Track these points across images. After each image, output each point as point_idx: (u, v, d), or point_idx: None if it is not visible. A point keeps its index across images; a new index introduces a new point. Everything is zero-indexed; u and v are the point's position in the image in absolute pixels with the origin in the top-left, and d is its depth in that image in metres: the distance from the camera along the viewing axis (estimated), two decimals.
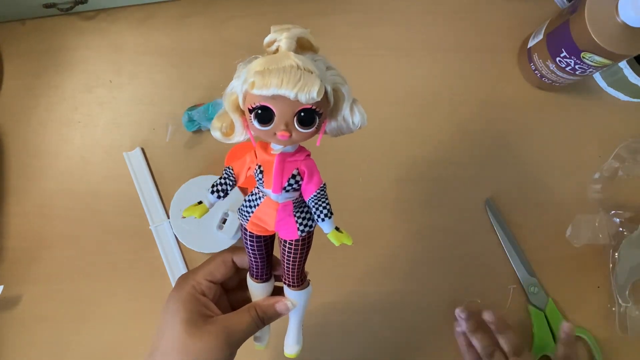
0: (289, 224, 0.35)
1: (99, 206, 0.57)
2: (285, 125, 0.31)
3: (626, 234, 0.55)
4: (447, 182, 0.58)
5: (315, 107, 0.31)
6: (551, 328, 0.54)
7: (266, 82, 0.29)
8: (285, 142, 0.32)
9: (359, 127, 0.35)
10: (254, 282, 0.39)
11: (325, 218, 0.35)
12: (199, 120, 0.55)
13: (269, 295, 0.40)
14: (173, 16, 0.59)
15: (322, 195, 0.35)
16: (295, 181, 0.34)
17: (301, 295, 0.39)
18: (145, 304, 0.55)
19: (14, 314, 0.55)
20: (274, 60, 0.30)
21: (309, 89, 0.29)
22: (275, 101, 0.30)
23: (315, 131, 0.32)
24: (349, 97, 0.33)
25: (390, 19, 0.60)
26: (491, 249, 0.56)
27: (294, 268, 0.38)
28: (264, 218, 0.35)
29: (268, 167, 0.34)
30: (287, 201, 0.35)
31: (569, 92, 0.59)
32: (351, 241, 0.35)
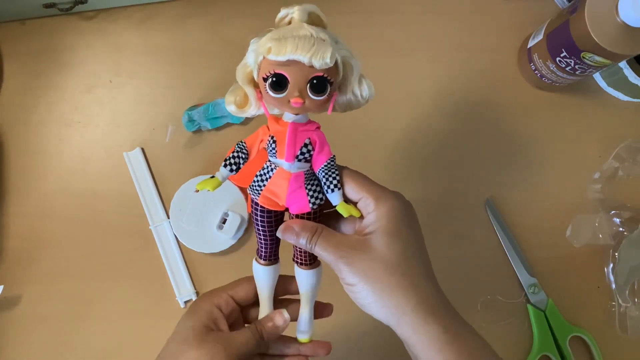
0: (300, 196, 0.36)
1: (99, 206, 0.57)
2: (299, 92, 0.32)
3: (626, 234, 0.55)
4: (447, 182, 0.58)
5: (326, 75, 0.32)
6: (551, 328, 0.54)
7: (282, 47, 0.31)
8: (299, 109, 0.33)
9: (367, 99, 0.36)
10: (259, 265, 0.39)
11: (335, 189, 0.35)
12: (199, 120, 0.55)
13: (274, 282, 0.39)
14: (173, 16, 0.59)
15: (332, 166, 0.36)
16: (307, 150, 0.35)
17: (312, 275, 0.38)
18: (145, 303, 0.55)
19: (14, 314, 0.55)
20: (289, 29, 0.32)
21: (322, 55, 0.31)
22: (289, 68, 0.32)
23: (326, 99, 0.34)
24: (358, 70, 0.35)
25: (389, 19, 0.60)
26: (491, 249, 0.56)
27: None
28: (276, 190, 0.36)
29: (281, 137, 0.35)
30: (299, 172, 0.35)
31: (569, 92, 0.59)
32: (359, 213, 0.35)
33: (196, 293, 0.55)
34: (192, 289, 0.55)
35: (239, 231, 0.54)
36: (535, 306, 0.55)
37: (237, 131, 0.57)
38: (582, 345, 0.55)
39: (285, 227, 0.36)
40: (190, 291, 0.55)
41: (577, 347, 0.55)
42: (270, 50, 0.31)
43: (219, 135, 0.57)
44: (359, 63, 0.35)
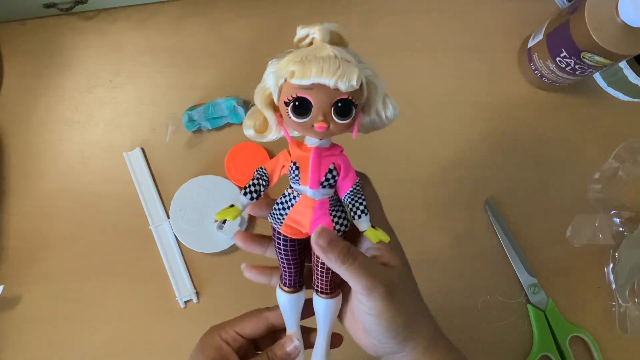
0: (324, 223, 0.34)
1: (99, 206, 0.57)
2: (324, 116, 0.31)
3: (626, 233, 0.55)
4: (447, 182, 0.58)
5: (352, 98, 0.31)
6: (551, 328, 0.54)
7: (306, 70, 0.29)
8: (323, 134, 0.32)
9: (391, 120, 0.35)
10: (283, 292, 0.37)
11: (362, 215, 0.34)
12: (199, 120, 0.55)
13: (300, 309, 0.37)
14: (173, 16, 0.59)
15: (358, 191, 0.34)
16: (332, 176, 0.33)
17: (331, 305, 0.36)
18: (145, 303, 0.55)
19: (14, 314, 0.55)
20: (311, 51, 0.31)
21: (348, 77, 0.30)
22: (312, 92, 0.30)
23: (351, 123, 0.32)
24: (382, 89, 0.34)
25: (390, 19, 0.60)
26: (491, 249, 0.56)
27: (327, 274, 0.35)
28: (299, 219, 0.34)
29: (304, 163, 0.33)
30: (323, 198, 0.34)
31: (568, 92, 0.59)
32: (388, 238, 0.34)
33: (196, 293, 0.55)
34: (192, 289, 0.55)
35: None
36: (535, 306, 0.55)
37: (237, 131, 0.57)
38: (582, 345, 0.55)
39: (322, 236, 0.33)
40: (190, 291, 0.55)
41: (577, 347, 0.55)
42: (293, 74, 0.30)
43: (219, 135, 0.57)
44: (383, 82, 0.34)
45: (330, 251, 0.32)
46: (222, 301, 0.56)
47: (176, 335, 0.55)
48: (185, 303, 0.55)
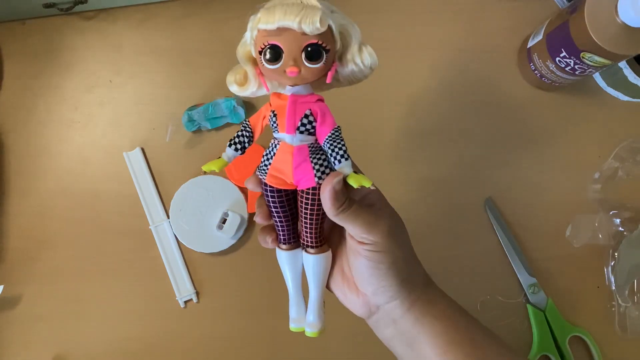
0: (306, 170, 0.34)
1: (99, 206, 0.57)
2: (294, 61, 0.32)
3: (626, 234, 0.55)
4: (447, 182, 0.58)
5: (321, 42, 0.32)
6: (551, 328, 0.54)
7: (271, 15, 0.31)
8: (295, 79, 0.33)
9: (370, 68, 0.36)
10: (282, 251, 0.37)
11: (342, 159, 0.34)
12: (198, 120, 0.55)
13: (300, 269, 0.38)
14: (173, 16, 0.59)
15: (337, 136, 0.35)
16: (309, 121, 0.34)
17: (321, 260, 0.37)
18: (145, 303, 0.55)
19: (14, 313, 0.55)
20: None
21: (311, 19, 0.31)
22: (281, 38, 0.32)
23: (324, 68, 0.33)
24: (357, 37, 0.35)
25: (390, 19, 0.60)
26: (491, 249, 0.56)
27: (312, 223, 0.36)
28: (282, 167, 0.35)
29: (281, 111, 0.34)
30: (302, 144, 0.34)
31: (568, 92, 0.59)
32: (370, 183, 0.33)
33: (196, 293, 0.55)
34: (192, 289, 0.55)
35: (239, 231, 0.54)
36: (534, 306, 0.55)
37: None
38: (582, 345, 0.55)
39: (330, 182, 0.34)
40: (190, 291, 0.55)
41: (577, 347, 0.55)
42: (259, 20, 0.32)
43: (219, 135, 0.57)
44: (359, 31, 0.35)
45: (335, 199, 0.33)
46: (222, 301, 0.56)
47: (176, 335, 0.55)
48: (185, 303, 0.55)
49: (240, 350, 0.55)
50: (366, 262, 0.35)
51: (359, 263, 0.36)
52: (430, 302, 0.37)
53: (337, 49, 0.34)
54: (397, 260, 0.35)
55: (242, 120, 0.37)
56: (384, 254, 0.35)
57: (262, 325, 0.55)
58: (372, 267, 0.35)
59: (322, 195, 0.34)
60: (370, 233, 0.34)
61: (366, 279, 0.36)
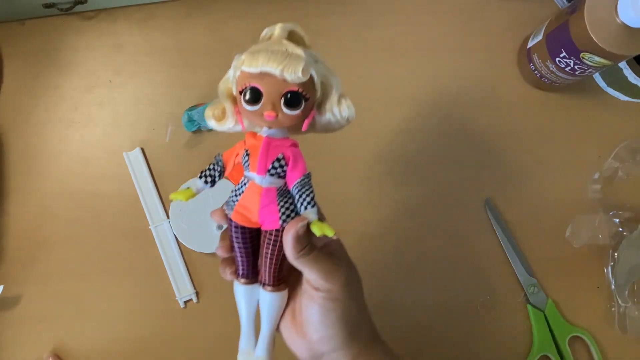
0: (271, 212, 0.35)
1: (99, 206, 0.57)
2: (272, 105, 0.33)
3: (626, 234, 0.55)
4: (447, 182, 0.58)
5: (301, 90, 0.32)
6: (551, 328, 0.54)
7: (255, 58, 0.32)
8: (272, 122, 0.33)
9: (347, 120, 0.36)
10: (240, 284, 0.38)
11: (308, 206, 0.34)
12: (198, 120, 0.55)
13: (255, 304, 0.38)
14: (173, 16, 0.59)
15: (306, 183, 0.35)
16: (280, 165, 0.34)
17: (276, 299, 0.37)
18: (145, 303, 0.55)
19: (14, 314, 0.55)
20: (267, 43, 0.33)
21: (294, 68, 0.31)
22: (263, 81, 0.32)
23: (301, 115, 0.34)
24: (338, 88, 0.35)
25: (390, 19, 0.60)
26: (491, 249, 0.56)
27: (272, 263, 0.37)
28: (248, 205, 0.35)
29: (255, 151, 0.35)
30: (271, 187, 0.35)
31: (568, 92, 0.59)
32: (332, 232, 0.34)
33: (196, 293, 0.55)
34: (192, 289, 0.55)
35: None
36: (534, 306, 0.55)
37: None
38: (582, 345, 0.55)
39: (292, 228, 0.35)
40: (190, 291, 0.55)
41: (577, 347, 0.55)
42: (243, 62, 0.32)
43: (219, 136, 0.57)
44: (340, 82, 0.35)
45: (297, 243, 0.34)
46: (222, 301, 0.56)
47: (176, 335, 0.55)
48: (185, 303, 0.55)
49: None
50: (318, 309, 0.36)
51: (311, 308, 0.36)
52: (371, 358, 0.37)
53: (317, 98, 0.35)
54: (349, 311, 0.36)
55: (217, 154, 0.38)
56: (337, 303, 0.35)
57: None
58: (323, 315, 0.35)
59: (285, 238, 0.34)
60: (327, 281, 0.35)
61: (315, 325, 0.36)
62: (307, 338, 0.37)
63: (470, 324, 0.56)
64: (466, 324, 0.55)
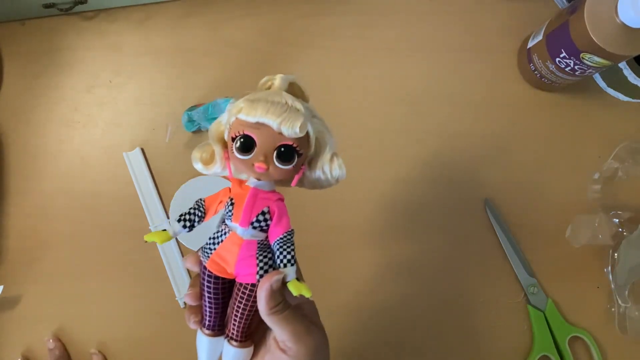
0: (249, 265, 0.33)
1: (99, 206, 0.57)
2: (264, 157, 0.31)
3: (626, 234, 0.55)
4: (447, 182, 0.58)
5: (295, 145, 0.31)
6: (551, 329, 0.54)
7: (253, 108, 0.31)
8: (261, 174, 0.32)
9: (336, 180, 0.35)
10: (204, 335, 0.35)
11: (288, 264, 0.33)
12: (198, 120, 0.55)
13: (217, 356, 0.36)
14: (173, 16, 0.59)
15: (288, 240, 0.34)
16: (264, 219, 0.33)
17: (241, 354, 0.35)
18: (145, 304, 0.55)
19: (14, 314, 0.55)
20: (265, 93, 0.32)
21: (292, 123, 0.30)
22: (258, 131, 0.31)
23: (292, 171, 0.32)
24: (332, 147, 0.34)
25: (390, 19, 0.60)
26: (490, 250, 0.57)
27: (242, 318, 0.34)
28: (226, 256, 0.34)
29: (239, 201, 0.33)
30: (252, 240, 0.33)
31: (568, 93, 0.59)
32: (310, 293, 0.32)
33: None
34: None
35: None
36: (534, 306, 0.55)
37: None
38: (582, 345, 0.55)
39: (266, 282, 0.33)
40: None
41: (577, 348, 0.55)
42: (241, 110, 0.31)
43: None
44: (334, 141, 0.34)
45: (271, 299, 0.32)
46: None
47: (176, 336, 0.55)
48: (185, 303, 0.55)
49: None
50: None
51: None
52: None
53: (310, 154, 0.34)
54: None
55: (198, 199, 0.36)
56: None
57: None
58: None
59: (259, 292, 0.33)
60: (296, 344, 0.33)
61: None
62: None
63: (470, 324, 0.56)
64: (466, 324, 0.56)
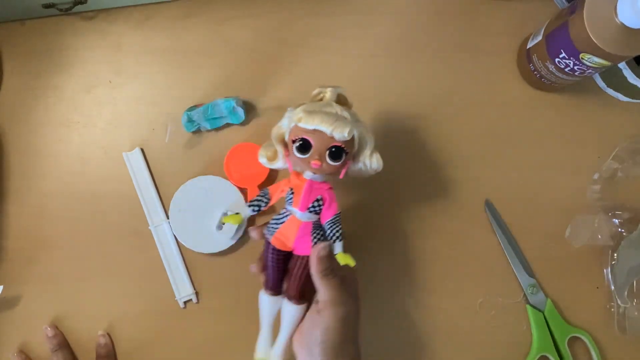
0: (305, 241, 0.43)
1: (98, 206, 0.57)
2: (319, 156, 0.41)
3: (625, 234, 0.55)
4: (447, 182, 0.58)
5: (344, 146, 0.41)
6: (550, 329, 0.54)
7: (311, 119, 0.40)
8: (317, 170, 0.42)
9: (375, 170, 0.45)
10: (266, 295, 0.45)
11: (337, 240, 0.43)
12: (198, 120, 0.56)
13: (276, 312, 0.45)
14: (173, 16, 0.59)
15: (337, 220, 0.44)
16: (318, 204, 0.43)
17: (297, 310, 0.44)
18: (144, 304, 0.55)
19: (14, 314, 0.55)
20: (320, 105, 0.42)
21: (342, 130, 0.40)
22: (314, 136, 0.40)
23: (340, 166, 0.42)
24: (371, 144, 0.44)
25: (390, 19, 0.60)
26: (490, 250, 0.57)
27: (299, 282, 0.44)
28: (287, 234, 0.43)
29: (298, 190, 0.43)
30: (308, 222, 0.43)
31: (568, 93, 0.59)
32: (354, 263, 0.42)
33: (195, 293, 0.55)
34: (191, 289, 0.55)
35: (239, 231, 0.54)
36: (534, 306, 0.55)
37: (236, 132, 0.57)
38: (581, 345, 0.55)
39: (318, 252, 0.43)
40: (189, 291, 0.55)
41: (576, 348, 0.55)
42: (301, 119, 0.40)
43: (219, 136, 0.57)
44: (374, 139, 0.44)
45: (323, 262, 0.42)
46: (221, 301, 0.56)
47: (176, 336, 0.55)
48: (185, 303, 0.55)
49: (240, 350, 0.55)
50: (315, 329, 0.42)
51: (310, 323, 0.43)
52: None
53: (354, 151, 0.43)
54: (341, 341, 0.41)
55: (265, 188, 0.47)
56: (327, 332, 0.41)
57: None
58: (317, 334, 0.41)
59: (312, 256, 0.42)
60: (329, 309, 0.41)
61: (306, 339, 0.43)
62: (305, 349, 0.43)
63: (469, 324, 0.56)
64: (465, 324, 0.56)
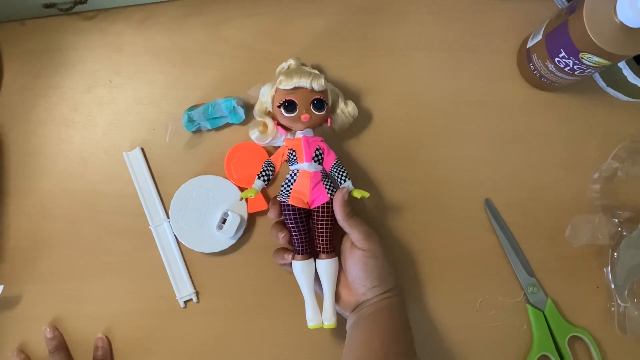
0: (320, 190, 0.47)
1: (98, 206, 0.57)
2: (306, 110, 0.47)
3: (625, 234, 0.55)
4: (447, 182, 0.58)
5: (323, 97, 0.48)
6: (550, 328, 0.54)
7: (290, 77, 0.47)
8: (307, 123, 0.47)
9: (352, 116, 0.52)
10: (299, 261, 0.48)
11: (346, 179, 0.48)
12: (198, 120, 0.56)
13: (313, 276, 0.48)
14: (173, 16, 0.59)
15: (339, 163, 0.49)
16: (320, 153, 0.48)
17: (332, 264, 0.48)
18: (144, 303, 0.55)
19: (14, 314, 0.55)
20: (293, 69, 0.49)
21: (319, 79, 0.47)
22: (296, 95, 0.47)
23: (325, 115, 0.49)
24: (341, 95, 0.52)
25: (389, 19, 0.60)
26: (490, 249, 0.57)
27: (325, 233, 0.48)
28: (301, 190, 0.47)
29: (298, 147, 0.48)
30: (316, 171, 0.48)
31: (568, 92, 0.59)
32: (368, 194, 0.47)
33: (196, 293, 0.55)
34: (192, 289, 0.55)
35: (239, 231, 0.54)
36: (534, 306, 0.55)
37: (236, 131, 0.57)
38: (581, 345, 0.55)
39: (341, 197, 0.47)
40: (190, 291, 0.55)
41: (576, 347, 0.55)
42: (282, 81, 0.47)
43: (219, 136, 0.57)
44: (341, 93, 0.52)
45: (345, 206, 0.47)
46: (222, 301, 0.56)
47: (176, 336, 0.55)
48: (185, 303, 0.55)
49: (240, 350, 0.55)
50: (361, 266, 0.47)
51: (356, 267, 0.47)
52: (393, 296, 0.48)
53: (330, 103, 0.50)
54: (383, 263, 0.47)
55: (267, 160, 0.50)
56: (375, 260, 0.47)
57: (261, 325, 0.55)
58: (365, 270, 0.47)
59: (335, 204, 0.47)
60: (368, 241, 0.47)
61: (360, 279, 0.47)
62: (353, 292, 0.48)
63: (469, 323, 0.56)
64: (465, 323, 0.56)
